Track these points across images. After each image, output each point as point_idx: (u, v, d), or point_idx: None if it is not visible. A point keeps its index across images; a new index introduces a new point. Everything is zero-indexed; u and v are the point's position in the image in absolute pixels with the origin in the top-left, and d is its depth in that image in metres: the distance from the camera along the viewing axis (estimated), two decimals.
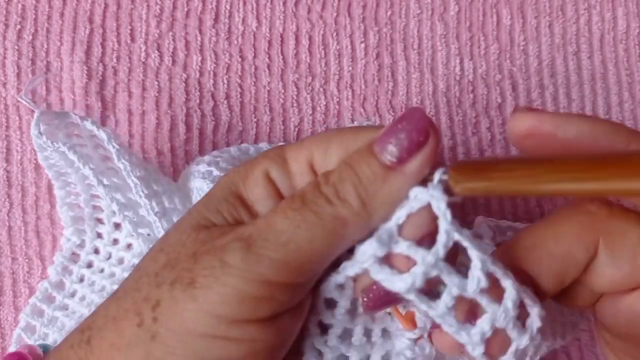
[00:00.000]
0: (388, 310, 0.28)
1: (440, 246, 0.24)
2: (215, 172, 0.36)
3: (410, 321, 0.28)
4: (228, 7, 0.46)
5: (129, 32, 0.46)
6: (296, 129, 0.46)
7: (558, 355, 0.42)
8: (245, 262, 0.24)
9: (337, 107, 0.46)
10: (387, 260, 0.25)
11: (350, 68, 0.46)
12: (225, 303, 0.23)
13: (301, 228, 0.24)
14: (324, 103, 0.46)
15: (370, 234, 0.25)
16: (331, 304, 0.28)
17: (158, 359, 0.24)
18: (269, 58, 0.46)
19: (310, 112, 0.46)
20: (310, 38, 0.46)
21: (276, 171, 0.27)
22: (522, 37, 0.47)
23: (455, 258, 0.25)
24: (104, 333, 0.25)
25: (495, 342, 0.24)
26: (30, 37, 0.46)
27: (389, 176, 0.24)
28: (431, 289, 0.25)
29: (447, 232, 0.24)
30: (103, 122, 0.45)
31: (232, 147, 0.41)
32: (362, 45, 0.46)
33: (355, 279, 0.26)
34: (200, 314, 0.23)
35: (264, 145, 0.42)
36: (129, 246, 0.42)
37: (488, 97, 0.46)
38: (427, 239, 0.25)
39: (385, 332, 0.29)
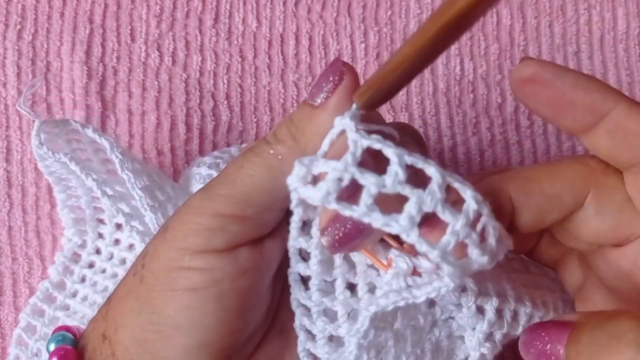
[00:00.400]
0: (369, 262, 0.29)
1: (349, 153, 0.25)
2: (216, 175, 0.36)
3: (388, 265, 0.28)
4: (228, 7, 0.46)
5: (129, 32, 0.46)
6: None
7: None
8: (201, 201, 0.28)
9: None
10: (311, 181, 0.27)
11: None
12: (186, 237, 0.27)
13: (244, 167, 0.27)
14: None
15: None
16: (307, 256, 0.29)
17: (144, 297, 0.27)
18: (269, 58, 0.46)
19: None
20: (310, 38, 0.46)
21: None
22: (522, 37, 0.47)
23: (381, 166, 0.26)
24: (117, 291, 0.29)
25: (427, 225, 0.25)
26: (30, 37, 0.46)
27: (314, 113, 0.27)
28: (356, 198, 0.25)
29: (353, 140, 0.26)
30: (103, 122, 0.45)
31: (233, 147, 0.41)
32: (362, 45, 0.46)
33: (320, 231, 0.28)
34: (169, 251, 0.27)
35: None
36: (131, 246, 0.42)
37: (488, 97, 0.46)
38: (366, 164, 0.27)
39: (372, 288, 0.29)
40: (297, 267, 0.29)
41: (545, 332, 0.25)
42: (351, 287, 0.29)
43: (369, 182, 0.25)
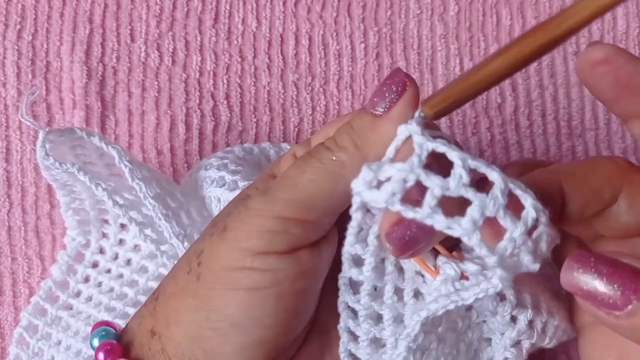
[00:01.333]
0: (417, 269, 0.30)
1: (415, 155, 0.26)
2: (229, 177, 0.36)
3: (437, 272, 0.29)
4: (228, 7, 0.46)
5: (129, 32, 0.46)
6: (296, 129, 0.46)
7: (558, 355, 0.42)
8: (263, 203, 0.28)
9: (336, 107, 0.46)
10: (376, 186, 0.27)
11: (350, 68, 0.46)
12: (248, 238, 0.28)
13: (307, 172, 0.28)
14: (324, 103, 0.46)
15: None
16: (359, 262, 0.30)
17: (202, 295, 0.28)
18: (268, 58, 0.46)
19: (310, 112, 0.46)
20: (310, 38, 0.46)
21: (301, 151, 0.31)
22: None
23: (446, 170, 0.26)
24: (166, 288, 0.30)
25: (488, 229, 0.26)
26: (30, 37, 0.46)
27: (377, 122, 0.28)
28: (419, 201, 0.26)
29: (419, 143, 0.26)
30: (103, 122, 0.45)
31: (235, 146, 0.41)
32: (362, 45, 0.46)
33: (377, 236, 0.29)
34: (230, 251, 0.28)
35: (266, 145, 0.42)
36: (136, 247, 0.42)
37: (488, 97, 0.46)
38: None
39: (417, 293, 0.30)
40: (349, 272, 0.30)
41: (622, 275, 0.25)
42: (398, 291, 0.30)
43: (434, 184, 0.25)
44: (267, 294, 0.28)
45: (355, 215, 0.28)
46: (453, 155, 0.26)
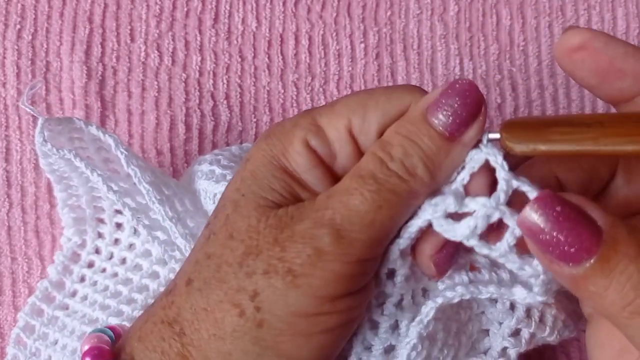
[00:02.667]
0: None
1: (500, 191, 0.26)
2: (218, 171, 0.36)
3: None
4: (228, 7, 0.47)
5: (129, 32, 0.46)
6: None
7: (558, 355, 0.42)
8: (339, 247, 0.26)
9: None
10: (452, 215, 0.27)
11: (350, 68, 0.46)
12: (326, 285, 0.26)
13: (383, 208, 0.26)
14: (324, 103, 0.46)
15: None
16: (390, 274, 0.29)
17: (267, 341, 0.26)
18: (268, 58, 0.46)
19: None
20: (309, 38, 0.46)
21: (315, 140, 0.28)
22: (522, 38, 0.47)
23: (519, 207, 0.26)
24: (199, 325, 0.27)
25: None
26: (30, 37, 0.46)
27: (450, 147, 0.27)
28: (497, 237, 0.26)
29: (505, 179, 0.26)
30: (102, 122, 0.45)
31: (233, 146, 0.41)
32: (362, 45, 0.46)
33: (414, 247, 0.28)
34: (304, 298, 0.26)
35: None
36: (131, 246, 0.42)
37: (488, 97, 0.46)
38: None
39: (424, 292, 0.30)
40: (385, 286, 0.29)
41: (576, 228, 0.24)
42: (412, 294, 0.30)
43: (516, 223, 0.25)
44: (341, 331, 0.27)
45: (405, 239, 0.28)
46: (528, 190, 0.26)
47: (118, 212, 0.42)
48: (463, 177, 0.27)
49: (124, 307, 0.39)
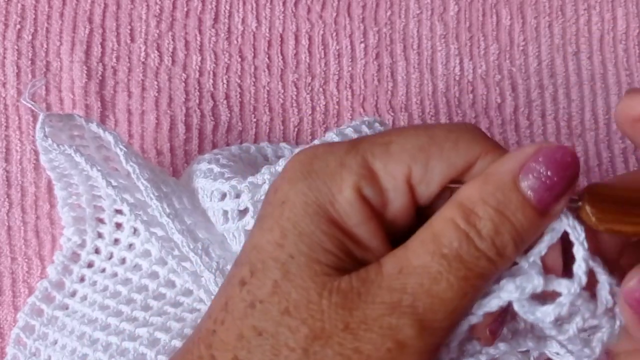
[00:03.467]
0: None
1: (582, 274, 0.24)
2: (216, 169, 0.36)
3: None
4: (228, 7, 0.47)
5: (129, 32, 0.46)
6: (296, 129, 0.46)
7: None
8: (422, 340, 0.24)
9: (336, 107, 0.46)
10: (534, 294, 0.25)
11: (350, 68, 0.46)
12: None
13: (467, 294, 0.24)
14: (324, 103, 0.46)
15: None
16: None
17: None
18: (268, 58, 0.46)
19: (310, 112, 0.46)
20: (309, 38, 0.46)
21: (368, 188, 0.25)
22: (522, 38, 0.47)
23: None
24: None
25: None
26: (30, 37, 0.46)
27: (541, 222, 0.24)
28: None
29: (585, 260, 0.25)
30: (102, 122, 0.45)
31: (233, 146, 0.42)
32: (362, 45, 0.46)
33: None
34: None
35: (264, 144, 0.42)
36: (131, 246, 0.42)
37: (487, 97, 0.46)
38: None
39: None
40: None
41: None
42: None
43: (587, 309, 0.25)
44: None
45: (482, 312, 0.26)
46: (603, 279, 0.25)
47: (118, 212, 0.42)
48: (540, 249, 0.25)
49: (123, 307, 0.39)
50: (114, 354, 0.37)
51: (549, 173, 0.24)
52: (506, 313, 0.26)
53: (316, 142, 0.34)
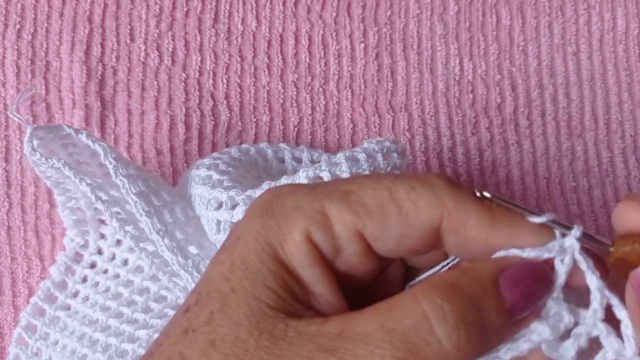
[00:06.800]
0: None
1: (597, 305, 0.24)
2: (215, 176, 0.36)
3: None
4: (227, 7, 0.46)
5: (129, 32, 0.46)
6: (295, 129, 0.46)
7: None
8: None
9: (336, 107, 0.46)
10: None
11: (350, 68, 0.46)
12: None
13: None
14: (324, 103, 0.46)
15: None
16: None
17: None
18: (268, 58, 0.46)
19: (310, 112, 0.46)
20: (309, 38, 0.46)
21: (318, 233, 0.25)
22: (522, 38, 0.47)
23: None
24: None
25: None
26: (30, 37, 0.46)
27: (507, 327, 0.24)
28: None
29: (599, 290, 0.24)
30: (102, 122, 0.45)
31: (232, 147, 0.41)
32: (362, 45, 0.46)
33: None
34: None
35: (264, 145, 0.42)
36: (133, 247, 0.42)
37: (487, 97, 0.46)
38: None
39: None
40: None
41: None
42: None
43: (611, 346, 0.24)
44: None
45: (512, 354, 0.25)
46: (623, 314, 0.24)
47: (119, 213, 0.42)
48: (560, 282, 0.25)
49: (124, 309, 0.39)
50: (113, 355, 0.37)
51: (528, 283, 0.24)
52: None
53: (299, 175, 0.34)
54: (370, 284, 0.27)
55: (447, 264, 0.27)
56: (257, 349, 0.23)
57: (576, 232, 0.24)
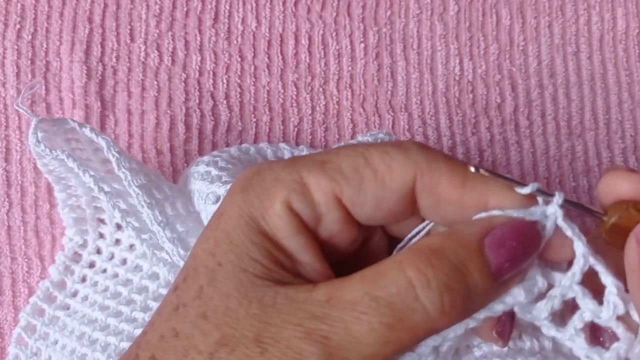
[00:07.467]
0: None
1: (578, 269, 0.24)
2: (214, 172, 0.36)
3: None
4: (227, 7, 0.46)
5: (129, 31, 0.46)
6: (295, 129, 0.46)
7: None
8: None
9: (336, 107, 0.46)
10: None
11: (350, 68, 0.46)
12: None
13: (391, 344, 0.23)
14: (324, 103, 0.46)
15: None
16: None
17: None
18: (268, 58, 0.46)
19: (310, 112, 0.46)
20: (309, 38, 0.46)
21: (299, 202, 0.25)
22: (522, 37, 0.47)
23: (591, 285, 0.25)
24: None
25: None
26: (30, 37, 0.46)
27: (493, 289, 0.24)
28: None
29: (584, 255, 0.24)
30: (102, 122, 0.45)
31: (232, 147, 0.41)
32: (362, 45, 0.46)
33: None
34: None
35: (264, 145, 0.42)
36: (132, 247, 0.42)
37: (487, 97, 0.46)
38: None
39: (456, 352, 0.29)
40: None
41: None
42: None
43: (587, 307, 0.24)
44: None
45: (483, 317, 0.25)
46: (609, 281, 0.24)
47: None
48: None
49: (123, 308, 0.39)
50: (112, 354, 0.37)
51: (514, 244, 0.24)
52: (513, 315, 0.26)
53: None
54: (355, 256, 0.28)
55: (423, 227, 0.27)
56: (248, 317, 0.24)
57: (558, 199, 0.24)
